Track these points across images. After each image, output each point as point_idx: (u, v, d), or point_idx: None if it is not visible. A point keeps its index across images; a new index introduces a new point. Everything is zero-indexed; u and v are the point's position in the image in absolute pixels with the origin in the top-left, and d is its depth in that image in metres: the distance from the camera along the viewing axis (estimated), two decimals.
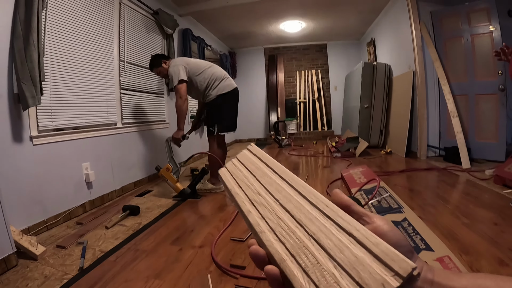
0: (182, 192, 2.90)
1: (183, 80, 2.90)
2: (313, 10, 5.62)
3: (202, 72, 3.01)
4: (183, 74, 2.91)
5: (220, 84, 3.02)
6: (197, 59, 3.24)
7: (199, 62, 3.11)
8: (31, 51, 2.08)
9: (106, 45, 3.14)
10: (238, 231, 2.02)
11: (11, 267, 1.67)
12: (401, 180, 3.13)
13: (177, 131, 3.03)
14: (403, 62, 4.81)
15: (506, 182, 2.62)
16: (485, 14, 3.58)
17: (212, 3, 4.79)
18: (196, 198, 2.92)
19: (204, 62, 3.16)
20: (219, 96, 3.00)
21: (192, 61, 3.09)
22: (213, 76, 3.01)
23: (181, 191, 2.90)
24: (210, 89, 3.01)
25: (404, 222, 1.87)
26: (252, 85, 8.18)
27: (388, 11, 5.36)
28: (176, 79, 2.88)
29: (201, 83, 3.00)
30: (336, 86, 8.06)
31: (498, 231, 1.77)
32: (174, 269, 1.57)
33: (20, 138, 2.15)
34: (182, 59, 3.17)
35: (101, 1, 3.07)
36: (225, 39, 7.22)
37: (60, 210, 2.45)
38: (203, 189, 3.11)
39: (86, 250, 1.86)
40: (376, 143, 5.55)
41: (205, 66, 3.06)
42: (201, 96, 3.12)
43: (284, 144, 6.59)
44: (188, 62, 3.05)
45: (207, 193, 3.09)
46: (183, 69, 2.93)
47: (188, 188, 2.93)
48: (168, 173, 2.92)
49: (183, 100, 2.90)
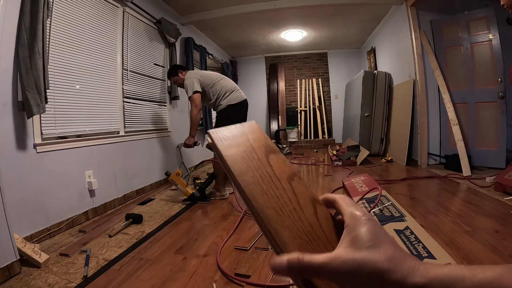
0: (191, 195, 3.04)
1: (197, 91, 3.11)
2: (314, 19, 5.68)
3: (214, 84, 3.22)
4: (197, 86, 3.13)
5: (230, 95, 3.22)
6: (210, 72, 3.46)
7: (211, 74, 3.32)
8: (36, 59, 2.10)
9: (110, 53, 3.18)
10: (242, 240, 2.02)
11: (14, 274, 1.67)
12: (402, 188, 3.13)
13: (189, 137, 3.20)
14: (403, 70, 4.85)
15: (507, 189, 2.63)
16: (485, 22, 3.62)
17: (214, 12, 4.85)
18: (206, 201, 3.05)
19: (216, 74, 3.36)
20: (229, 106, 3.19)
21: (205, 74, 3.31)
22: (224, 88, 3.23)
23: (191, 194, 3.05)
24: (221, 99, 3.21)
25: (406, 230, 1.87)
26: (253, 93, 8.20)
27: (388, 20, 5.41)
28: (190, 90, 3.10)
29: (213, 93, 3.22)
30: (337, 94, 8.10)
31: (499, 239, 1.77)
32: (179, 278, 1.57)
33: (24, 146, 2.16)
34: (196, 72, 3.39)
35: (105, 10, 3.11)
36: (227, 47, 7.29)
37: (63, 218, 2.45)
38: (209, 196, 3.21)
39: (89, 258, 1.86)
40: (377, 151, 5.56)
41: (216, 78, 3.28)
42: (213, 106, 3.32)
43: (285, 153, 6.59)
44: (202, 74, 3.27)
45: (214, 199, 3.17)
46: (197, 81, 3.15)
47: (198, 192, 3.04)
48: (178, 178, 3.08)
49: (198, 110, 3.10)
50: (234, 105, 3.20)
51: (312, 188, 3.31)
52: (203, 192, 3.10)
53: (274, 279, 1.49)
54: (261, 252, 1.81)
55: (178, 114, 4.74)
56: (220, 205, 2.93)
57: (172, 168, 4.19)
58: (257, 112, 8.26)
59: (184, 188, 3.05)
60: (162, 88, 4.29)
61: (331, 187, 3.29)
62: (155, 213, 2.77)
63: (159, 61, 4.22)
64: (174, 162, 4.36)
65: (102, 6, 3.05)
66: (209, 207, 2.88)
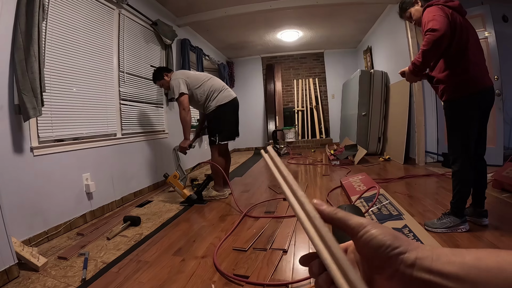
0: (189, 198, 3.02)
1: (184, 93, 3.03)
2: (310, 19, 5.69)
3: (201, 85, 3.13)
4: (184, 87, 3.04)
5: (219, 95, 3.13)
6: (197, 72, 3.35)
7: (198, 75, 3.22)
8: (32, 62, 2.09)
9: (106, 55, 3.17)
10: (240, 241, 2.02)
11: (13, 278, 1.66)
12: (400, 187, 3.14)
13: (184, 140, 3.19)
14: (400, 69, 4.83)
15: (505, 186, 2.64)
16: (480, 20, 3.63)
17: (210, 13, 4.84)
18: (202, 203, 3.04)
19: (204, 74, 3.27)
20: (219, 107, 3.11)
21: (192, 74, 3.21)
22: (212, 88, 3.14)
23: (188, 197, 3.02)
24: (210, 101, 3.13)
25: (404, 229, 1.87)
26: (250, 94, 8.22)
27: (384, 19, 5.43)
28: (177, 91, 3.01)
29: (201, 95, 3.13)
30: (334, 94, 8.11)
31: (497, 235, 1.78)
32: (178, 280, 1.56)
33: (20, 149, 2.15)
34: (182, 72, 3.30)
35: (101, 12, 3.10)
36: (223, 48, 7.29)
37: (61, 221, 2.44)
38: (207, 196, 3.18)
39: (88, 261, 1.85)
40: (375, 150, 5.57)
41: (204, 79, 3.17)
42: (202, 108, 3.25)
43: (283, 153, 6.60)
44: (188, 75, 3.17)
45: (212, 199, 3.15)
46: (183, 82, 3.06)
47: (195, 194, 3.04)
48: (175, 180, 3.05)
49: (186, 112, 3.03)
50: (224, 105, 3.12)
51: (310, 188, 3.33)
52: (200, 194, 3.10)
53: (273, 279, 1.49)
54: (259, 253, 1.81)
55: (175, 116, 4.72)
56: (218, 206, 2.92)
57: (169, 169, 4.18)
58: (254, 112, 8.27)
59: (181, 190, 3.03)
60: (159, 90, 4.28)
61: (329, 187, 3.30)
62: (153, 215, 2.76)
63: (155, 63, 4.21)
64: (171, 164, 4.35)
65: (97, 8, 3.05)
66: (207, 208, 2.88)
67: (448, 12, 1.78)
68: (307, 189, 3.31)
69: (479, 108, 1.84)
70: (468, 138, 1.84)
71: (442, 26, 1.68)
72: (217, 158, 3.16)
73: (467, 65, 1.78)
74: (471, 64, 1.78)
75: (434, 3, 1.86)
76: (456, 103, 1.86)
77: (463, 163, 1.87)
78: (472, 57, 1.79)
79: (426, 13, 1.81)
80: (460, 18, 1.81)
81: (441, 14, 1.73)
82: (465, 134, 1.85)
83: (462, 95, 1.82)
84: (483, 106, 1.88)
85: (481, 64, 1.84)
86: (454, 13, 1.81)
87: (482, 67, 1.84)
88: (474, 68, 1.79)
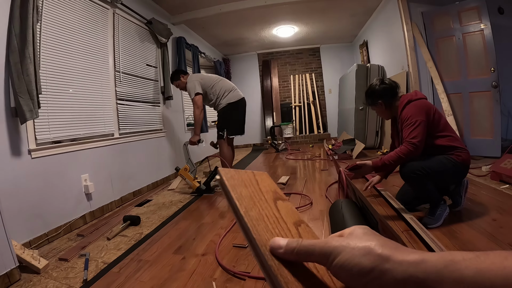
0: (198, 188, 3.30)
1: (199, 93, 3.46)
2: (305, 14, 5.67)
3: (214, 85, 3.57)
4: (199, 88, 3.48)
5: (229, 95, 3.58)
6: (210, 74, 3.82)
7: (211, 76, 3.68)
8: (27, 64, 2.08)
9: (101, 55, 3.16)
10: (240, 237, 2.03)
11: (14, 281, 1.66)
12: (399, 180, 3.14)
13: (194, 135, 3.54)
14: (396, 63, 4.86)
15: (503, 178, 2.65)
16: (476, 12, 3.63)
17: (205, 11, 4.82)
18: (211, 193, 3.31)
19: (215, 76, 3.71)
20: (228, 105, 3.56)
21: (206, 76, 3.69)
22: (223, 88, 3.59)
23: (198, 187, 3.30)
24: (221, 99, 3.57)
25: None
26: (247, 90, 8.11)
27: (379, 12, 5.42)
28: (193, 92, 3.45)
29: (213, 94, 3.58)
30: (331, 88, 8.11)
31: (497, 227, 1.79)
32: (179, 278, 1.57)
33: (18, 152, 2.15)
34: (197, 75, 3.83)
35: (95, 12, 3.09)
36: (219, 46, 7.27)
37: (61, 223, 2.44)
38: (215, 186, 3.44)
39: (89, 262, 1.85)
40: (373, 144, 5.58)
41: (216, 80, 3.62)
42: (213, 105, 3.68)
43: (281, 149, 6.61)
44: (202, 77, 3.65)
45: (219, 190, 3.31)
46: (198, 83, 3.49)
47: (204, 185, 3.31)
48: (186, 173, 3.35)
49: (200, 110, 3.48)
50: (233, 103, 3.56)
51: (309, 183, 3.34)
52: (208, 184, 3.31)
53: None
54: None
55: (172, 114, 4.73)
56: (217, 203, 2.93)
57: (167, 168, 4.27)
58: (251, 109, 8.19)
59: (191, 182, 3.31)
60: (155, 89, 4.27)
61: (327, 181, 3.30)
62: (153, 214, 2.76)
63: (151, 61, 4.20)
64: (169, 162, 4.39)
65: (92, 8, 3.03)
66: (206, 206, 2.89)
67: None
68: (305, 184, 3.31)
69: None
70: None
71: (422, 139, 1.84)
72: (225, 150, 3.59)
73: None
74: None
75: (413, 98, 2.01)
76: None
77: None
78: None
79: (408, 110, 1.95)
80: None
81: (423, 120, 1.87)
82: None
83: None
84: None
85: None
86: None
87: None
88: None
